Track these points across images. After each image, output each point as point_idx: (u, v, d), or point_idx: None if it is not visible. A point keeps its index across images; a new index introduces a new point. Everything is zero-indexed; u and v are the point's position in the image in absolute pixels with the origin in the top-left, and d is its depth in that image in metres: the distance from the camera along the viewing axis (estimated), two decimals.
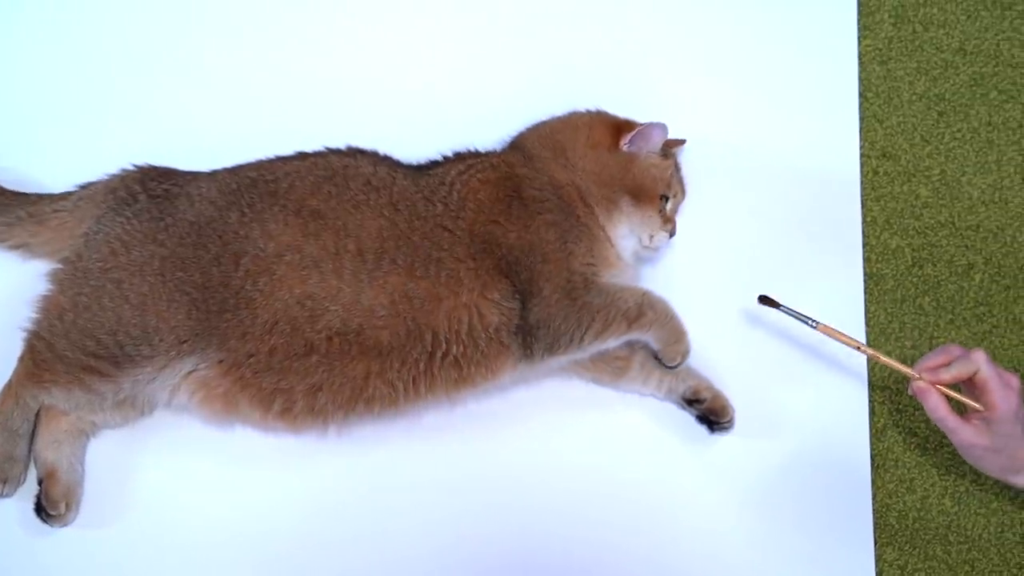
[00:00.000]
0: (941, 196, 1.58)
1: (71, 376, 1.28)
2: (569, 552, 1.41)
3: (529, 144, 1.42)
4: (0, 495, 1.32)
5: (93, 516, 1.36)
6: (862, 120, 1.58)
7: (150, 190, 1.33)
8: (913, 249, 1.56)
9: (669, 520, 1.42)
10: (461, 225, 1.33)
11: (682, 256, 1.49)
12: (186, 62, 1.50)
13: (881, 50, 1.60)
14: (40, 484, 1.32)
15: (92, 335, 1.27)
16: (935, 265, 1.56)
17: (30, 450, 1.34)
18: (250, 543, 1.37)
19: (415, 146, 1.42)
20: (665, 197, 1.42)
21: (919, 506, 1.49)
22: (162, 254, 1.29)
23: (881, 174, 1.58)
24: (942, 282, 1.56)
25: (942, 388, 1.24)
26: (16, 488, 1.34)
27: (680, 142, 1.50)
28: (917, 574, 1.47)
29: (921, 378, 1.24)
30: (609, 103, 1.46)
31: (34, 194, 1.38)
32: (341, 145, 1.39)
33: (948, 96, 1.61)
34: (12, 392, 1.31)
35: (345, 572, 1.38)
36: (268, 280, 1.29)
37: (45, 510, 1.32)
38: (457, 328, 1.30)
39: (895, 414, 1.51)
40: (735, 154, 1.53)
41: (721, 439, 1.45)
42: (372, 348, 1.29)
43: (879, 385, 1.50)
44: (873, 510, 1.46)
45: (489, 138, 1.44)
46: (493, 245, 1.32)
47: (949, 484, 1.50)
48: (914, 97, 1.60)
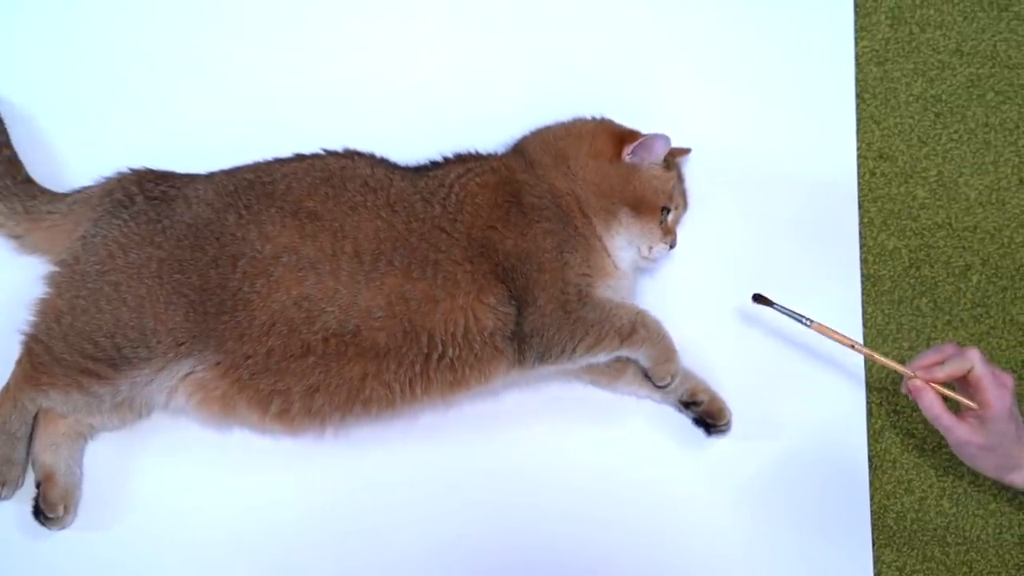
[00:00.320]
0: (938, 197, 1.58)
1: (69, 379, 1.28)
2: (567, 553, 1.41)
3: (531, 149, 1.41)
4: None
5: (91, 519, 1.36)
6: (859, 121, 1.58)
7: (147, 192, 1.33)
8: (910, 250, 1.56)
9: (667, 521, 1.42)
10: (459, 228, 1.33)
11: (679, 257, 1.49)
12: (185, 65, 1.50)
13: (878, 51, 1.61)
14: (38, 487, 1.33)
15: (90, 338, 1.27)
16: (932, 266, 1.56)
17: (28, 453, 1.34)
18: (248, 545, 1.37)
19: (414, 148, 1.42)
20: (666, 209, 1.41)
21: (917, 507, 1.49)
22: (159, 256, 1.29)
23: (878, 175, 1.58)
24: (939, 283, 1.56)
25: (936, 386, 1.25)
26: (14, 491, 1.34)
27: (684, 151, 1.49)
28: (915, 575, 1.47)
29: (916, 376, 1.25)
30: (606, 101, 1.46)
31: (39, 188, 1.38)
32: (339, 147, 1.39)
33: (945, 97, 1.61)
34: (10, 395, 1.31)
35: (348, 570, 1.38)
36: (265, 282, 1.29)
37: (43, 513, 1.32)
38: (453, 331, 1.30)
39: (893, 415, 1.51)
40: (731, 156, 1.53)
41: (719, 441, 1.45)
42: (369, 349, 1.29)
43: (876, 386, 1.50)
44: (871, 511, 1.46)
45: (488, 141, 1.44)
46: (490, 250, 1.32)
47: (947, 485, 1.50)
48: (911, 98, 1.60)
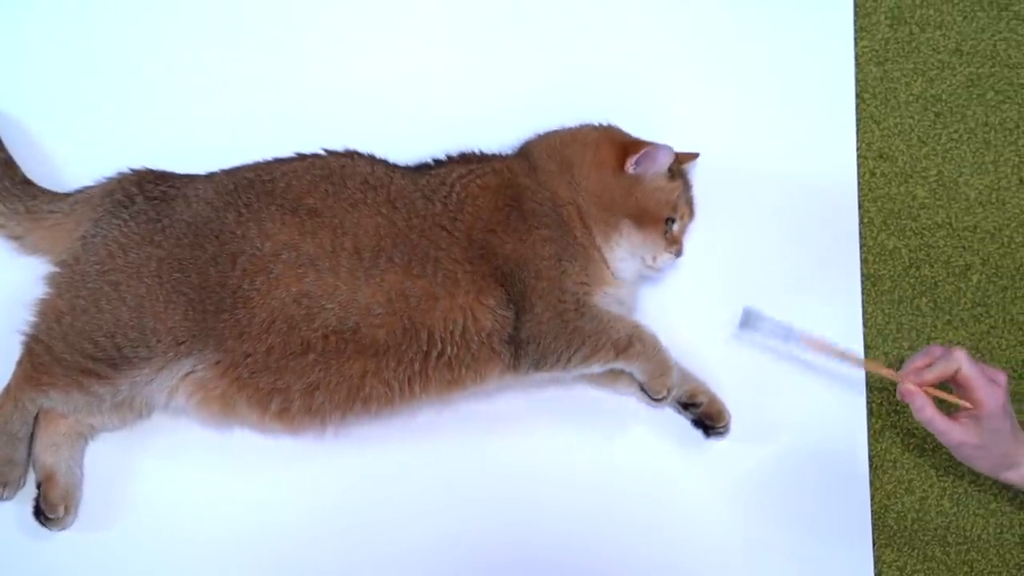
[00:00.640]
0: (938, 197, 1.58)
1: (69, 379, 1.28)
2: (569, 551, 1.41)
3: (536, 154, 1.40)
4: (0, 499, 1.33)
5: (92, 519, 1.36)
6: (859, 121, 1.58)
7: (147, 192, 1.34)
8: (910, 250, 1.56)
9: (667, 521, 1.42)
10: (459, 227, 1.33)
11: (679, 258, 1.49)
12: (185, 66, 1.50)
13: (878, 51, 1.61)
14: (39, 487, 1.33)
15: (90, 338, 1.27)
16: (932, 266, 1.56)
17: (29, 454, 1.34)
18: (248, 545, 1.37)
19: (416, 150, 1.42)
20: (671, 219, 1.39)
21: (918, 507, 1.49)
22: (159, 256, 1.29)
23: (878, 175, 1.58)
24: (940, 283, 1.56)
25: (930, 390, 1.25)
26: (16, 492, 1.34)
27: (691, 157, 1.47)
28: (916, 575, 1.47)
29: (905, 380, 1.25)
30: (607, 98, 1.47)
31: (39, 188, 1.38)
32: (339, 148, 1.39)
33: (945, 97, 1.61)
34: (11, 396, 1.31)
35: (345, 572, 1.38)
36: (265, 279, 1.29)
37: (44, 513, 1.32)
38: (452, 329, 1.30)
39: (893, 415, 1.51)
40: (731, 155, 1.53)
41: (719, 441, 1.44)
42: (368, 347, 1.29)
43: (877, 386, 1.50)
44: (872, 511, 1.46)
45: (491, 142, 1.44)
46: (489, 253, 1.32)
47: (948, 485, 1.50)
48: (911, 98, 1.60)
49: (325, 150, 1.38)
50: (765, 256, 1.51)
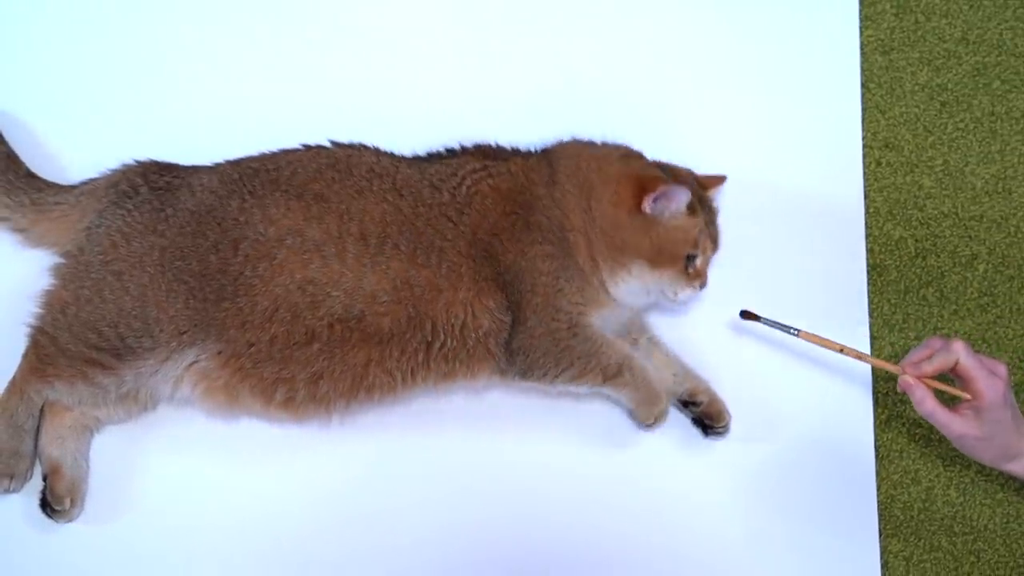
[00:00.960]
0: (944, 187, 1.57)
1: (74, 370, 1.28)
2: (573, 544, 1.41)
3: (561, 167, 1.36)
4: (7, 491, 1.33)
5: (98, 512, 1.36)
6: (864, 111, 1.58)
7: (152, 183, 1.34)
8: (916, 240, 1.56)
9: (674, 510, 1.42)
10: (465, 221, 1.32)
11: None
12: (192, 59, 1.50)
13: (883, 40, 1.60)
14: (45, 480, 1.33)
15: (94, 327, 1.27)
16: (939, 256, 1.56)
17: (35, 446, 1.34)
18: (254, 537, 1.38)
19: (420, 147, 1.41)
20: (691, 256, 1.34)
21: (924, 497, 1.49)
22: (162, 244, 1.29)
23: (884, 165, 1.57)
24: (945, 273, 1.55)
25: (930, 381, 1.25)
26: (23, 484, 1.34)
27: (718, 181, 1.44)
28: (922, 565, 1.47)
29: (905, 374, 1.25)
30: (607, 97, 1.47)
31: (44, 181, 1.39)
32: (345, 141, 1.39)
33: (951, 86, 1.60)
34: (16, 388, 1.31)
35: (351, 563, 1.38)
36: (268, 265, 1.28)
37: (50, 506, 1.32)
38: (452, 323, 1.30)
39: (899, 405, 1.50)
40: (736, 147, 1.53)
41: (718, 441, 1.44)
42: (373, 335, 1.29)
43: (883, 377, 1.50)
44: (878, 501, 1.46)
45: (493, 139, 1.43)
46: (492, 257, 1.32)
47: (954, 475, 1.49)
48: (916, 87, 1.60)
49: (331, 141, 1.38)
50: (770, 246, 1.51)
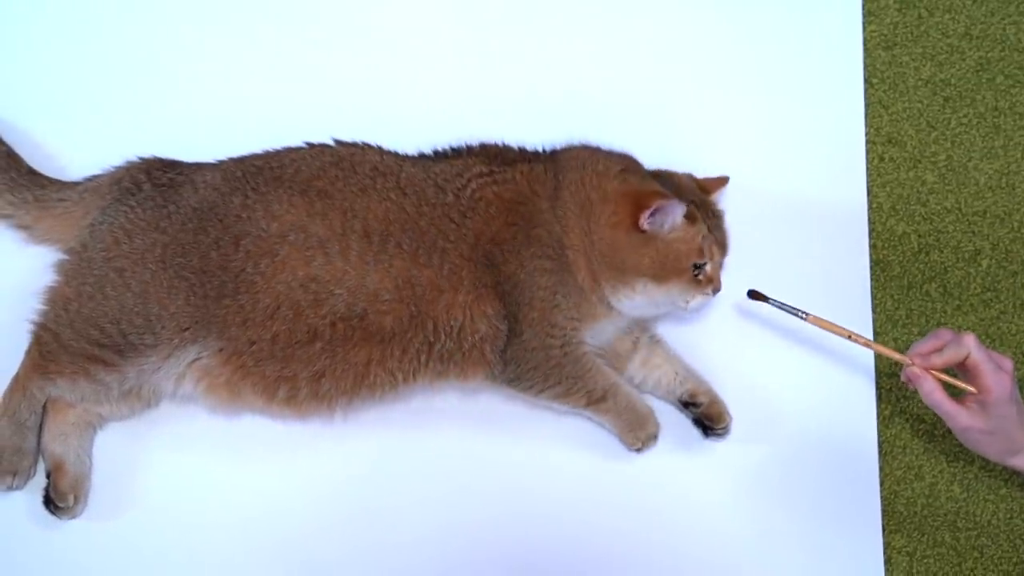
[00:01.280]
0: (947, 182, 1.57)
1: (76, 367, 1.28)
2: (576, 539, 1.41)
3: (566, 181, 1.33)
4: (10, 488, 1.33)
5: (101, 508, 1.36)
6: (867, 106, 1.57)
7: (155, 180, 1.34)
8: (920, 235, 1.55)
9: (677, 506, 1.42)
10: (468, 225, 1.31)
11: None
12: (194, 59, 1.51)
13: (886, 36, 1.60)
14: (48, 477, 1.33)
15: (96, 324, 1.27)
16: (942, 251, 1.55)
17: (39, 443, 1.34)
18: (256, 533, 1.38)
19: (420, 147, 1.41)
20: (697, 265, 1.32)
21: (927, 493, 1.48)
22: (164, 241, 1.29)
23: (887, 160, 1.57)
24: (949, 268, 1.55)
25: (936, 373, 1.24)
26: (26, 481, 1.34)
27: (720, 183, 1.43)
28: (925, 561, 1.47)
29: (914, 364, 1.24)
30: (608, 94, 1.46)
31: (47, 178, 1.39)
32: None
33: (954, 81, 1.60)
34: (19, 385, 1.31)
35: (352, 559, 1.38)
36: (270, 262, 1.28)
37: (53, 502, 1.33)
38: (451, 325, 1.30)
39: (902, 401, 1.50)
40: (739, 142, 1.52)
41: (719, 442, 1.44)
42: (375, 334, 1.29)
43: (886, 372, 1.50)
44: (881, 497, 1.46)
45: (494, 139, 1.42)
46: (492, 265, 1.31)
47: (957, 471, 1.49)
48: (920, 83, 1.59)
49: (335, 140, 1.38)
50: (774, 241, 1.50)
